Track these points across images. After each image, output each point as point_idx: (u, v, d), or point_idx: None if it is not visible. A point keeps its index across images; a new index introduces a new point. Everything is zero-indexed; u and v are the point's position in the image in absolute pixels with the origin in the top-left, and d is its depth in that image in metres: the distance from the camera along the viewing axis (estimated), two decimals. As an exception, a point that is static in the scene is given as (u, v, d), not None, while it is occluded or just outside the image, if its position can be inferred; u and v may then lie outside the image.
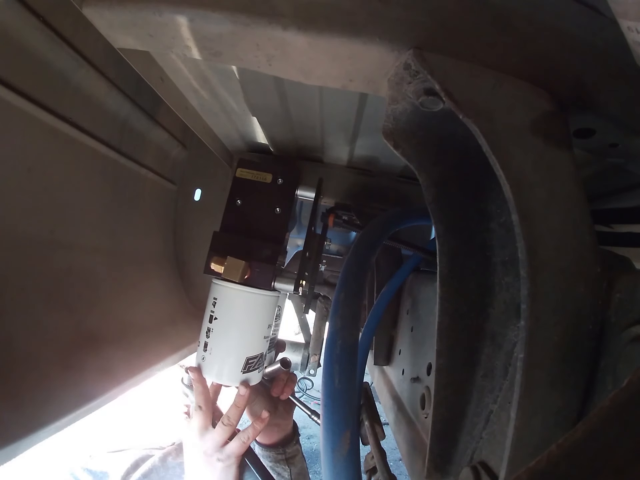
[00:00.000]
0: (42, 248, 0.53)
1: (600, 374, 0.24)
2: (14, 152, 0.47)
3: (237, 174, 0.64)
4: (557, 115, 0.29)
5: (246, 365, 0.60)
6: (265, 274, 0.59)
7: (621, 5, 0.21)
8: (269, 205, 0.63)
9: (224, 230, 0.62)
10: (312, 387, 2.47)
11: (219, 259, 0.57)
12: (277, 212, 0.62)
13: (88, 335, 0.57)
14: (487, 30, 0.29)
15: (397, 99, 0.33)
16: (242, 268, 0.56)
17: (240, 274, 0.57)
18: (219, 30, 0.32)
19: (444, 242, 0.34)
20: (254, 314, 0.61)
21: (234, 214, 0.63)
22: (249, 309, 0.60)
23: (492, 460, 0.29)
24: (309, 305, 0.76)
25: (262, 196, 0.63)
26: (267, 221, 0.62)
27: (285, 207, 0.63)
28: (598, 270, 0.25)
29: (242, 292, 0.59)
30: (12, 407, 0.41)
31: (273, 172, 0.64)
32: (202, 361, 0.61)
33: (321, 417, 0.39)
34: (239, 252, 0.58)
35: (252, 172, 0.64)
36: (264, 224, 0.62)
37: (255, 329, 0.62)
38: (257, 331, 0.62)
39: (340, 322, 0.42)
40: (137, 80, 0.64)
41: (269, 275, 0.59)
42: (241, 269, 0.56)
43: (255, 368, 0.63)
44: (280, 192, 0.63)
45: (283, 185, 0.64)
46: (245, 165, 0.65)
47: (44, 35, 0.46)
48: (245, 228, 0.62)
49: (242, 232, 0.61)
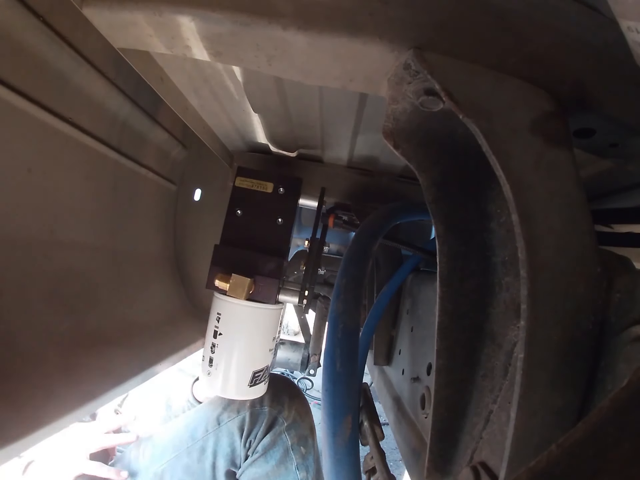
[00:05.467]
0: (42, 248, 0.53)
1: (600, 374, 0.24)
2: (14, 152, 0.47)
3: (237, 183, 0.62)
4: (557, 115, 0.29)
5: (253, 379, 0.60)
6: (269, 288, 0.58)
7: (621, 5, 0.21)
8: (270, 216, 0.61)
9: (225, 242, 0.60)
10: (312, 387, 2.46)
11: (223, 276, 0.56)
12: (279, 222, 0.61)
13: (88, 335, 0.57)
14: (487, 30, 0.29)
15: (397, 99, 0.33)
16: (248, 285, 0.55)
17: (246, 292, 0.56)
18: (219, 30, 0.32)
19: (444, 242, 0.34)
20: (259, 329, 0.60)
21: (234, 226, 0.61)
22: (254, 324, 0.59)
23: (492, 460, 0.29)
24: (309, 305, 0.76)
25: (264, 206, 0.61)
26: (270, 233, 0.60)
27: (288, 217, 0.61)
28: (598, 270, 0.25)
29: (247, 307, 0.58)
30: (12, 406, 0.41)
31: (274, 181, 0.62)
32: (208, 376, 0.60)
33: (322, 402, 0.39)
34: (243, 267, 0.57)
35: (252, 182, 0.62)
36: (266, 236, 0.60)
37: (261, 343, 0.61)
38: (262, 345, 0.61)
39: (342, 307, 0.42)
40: (137, 80, 0.63)
41: (273, 290, 0.58)
42: (246, 287, 0.55)
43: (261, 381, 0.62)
44: (282, 202, 0.61)
45: (285, 194, 0.62)
46: (245, 174, 0.62)
47: (44, 35, 0.46)
48: (247, 240, 0.60)
49: (244, 245, 0.59)
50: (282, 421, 0.82)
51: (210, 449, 0.82)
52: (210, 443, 0.82)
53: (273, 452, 0.81)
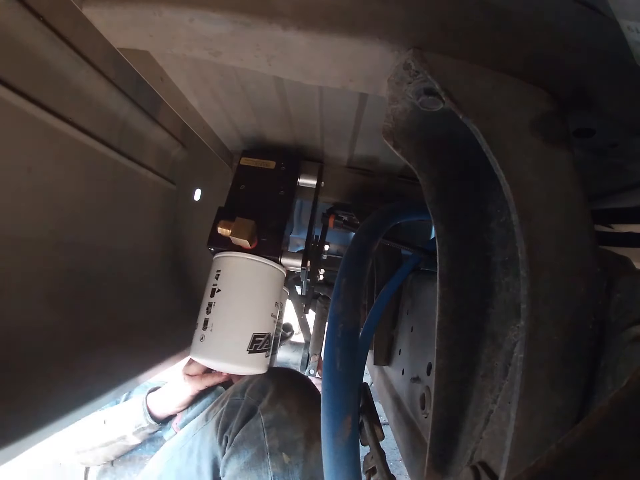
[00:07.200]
0: (42, 248, 0.53)
1: (600, 374, 0.24)
2: (14, 152, 0.47)
3: (242, 162, 0.65)
4: (557, 115, 0.29)
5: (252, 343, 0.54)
6: (273, 243, 0.58)
7: (621, 5, 0.21)
8: (273, 188, 0.63)
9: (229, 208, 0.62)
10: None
11: (226, 222, 0.54)
12: (281, 193, 0.63)
13: (88, 335, 0.57)
14: (487, 30, 0.29)
15: (397, 99, 0.33)
16: (252, 227, 0.54)
17: (250, 233, 0.53)
18: (219, 30, 0.32)
19: (444, 242, 0.34)
20: (261, 285, 0.57)
21: (237, 197, 0.63)
22: (256, 278, 0.57)
23: (492, 460, 0.29)
24: (309, 305, 0.76)
25: (266, 180, 0.64)
26: (272, 200, 0.63)
27: (290, 188, 0.64)
28: (598, 270, 0.25)
29: (249, 260, 0.56)
30: (12, 407, 0.41)
31: (276, 159, 0.65)
32: (201, 342, 0.54)
33: (322, 402, 0.39)
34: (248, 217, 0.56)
35: (256, 160, 0.66)
36: (269, 203, 0.62)
37: (262, 302, 0.57)
38: (264, 304, 0.57)
39: (342, 307, 0.42)
40: (137, 80, 0.64)
41: (277, 245, 0.57)
42: (251, 227, 0.54)
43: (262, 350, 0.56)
44: (283, 177, 0.65)
45: (286, 170, 0.65)
46: (249, 155, 0.66)
47: (44, 35, 0.46)
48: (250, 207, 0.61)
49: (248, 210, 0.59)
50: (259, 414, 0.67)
51: (196, 450, 0.71)
52: (197, 443, 0.71)
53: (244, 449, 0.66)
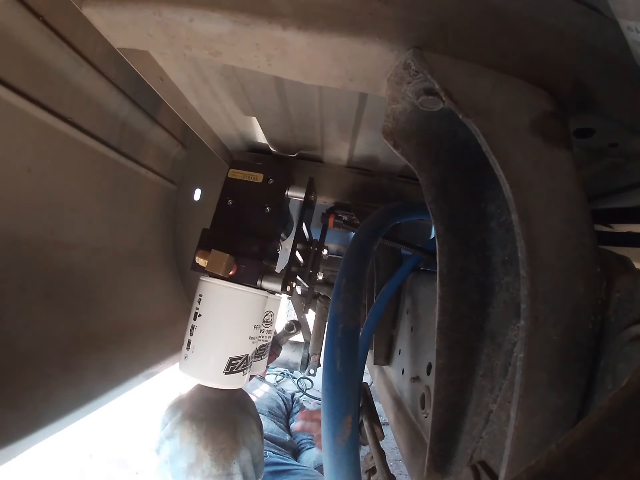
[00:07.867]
0: (42, 248, 0.53)
1: (600, 373, 0.24)
2: (14, 152, 0.47)
3: (229, 174, 0.64)
4: (557, 115, 0.29)
5: (229, 365, 0.58)
6: (251, 270, 0.58)
7: (621, 5, 0.21)
8: (259, 204, 0.63)
9: (214, 228, 0.62)
10: (312, 387, 2.46)
11: (203, 252, 0.56)
12: (267, 210, 0.63)
13: (88, 335, 0.57)
14: (487, 30, 0.29)
15: (397, 98, 0.33)
16: (227, 261, 0.55)
17: (224, 267, 0.55)
18: (219, 30, 0.32)
19: (444, 242, 0.34)
20: (238, 311, 0.59)
21: (224, 213, 0.63)
22: (232, 305, 0.58)
23: (492, 460, 0.29)
24: (308, 305, 0.76)
25: (253, 195, 0.63)
26: (257, 219, 0.62)
27: (275, 205, 0.63)
28: (598, 270, 0.25)
29: (226, 288, 0.58)
30: (12, 407, 0.41)
31: (264, 172, 0.64)
32: (185, 360, 0.58)
33: (322, 402, 0.39)
34: (226, 247, 0.57)
35: (244, 173, 0.65)
36: (253, 222, 0.62)
37: (239, 327, 0.59)
38: (241, 330, 0.60)
39: (342, 307, 0.42)
40: (137, 80, 0.63)
41: (255, 272, 0.58)
42: (225, 262, 0.55)
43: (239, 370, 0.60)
44: (270, 191, 0.64)
45: (274, 184, 0.64)
46: (238, 166, 0.65)
47: (44, 35, 0.46)
48: (235, 226, 0.61)
49: (232, 230, 0.61)
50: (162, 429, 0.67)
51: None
52: None
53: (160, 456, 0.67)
